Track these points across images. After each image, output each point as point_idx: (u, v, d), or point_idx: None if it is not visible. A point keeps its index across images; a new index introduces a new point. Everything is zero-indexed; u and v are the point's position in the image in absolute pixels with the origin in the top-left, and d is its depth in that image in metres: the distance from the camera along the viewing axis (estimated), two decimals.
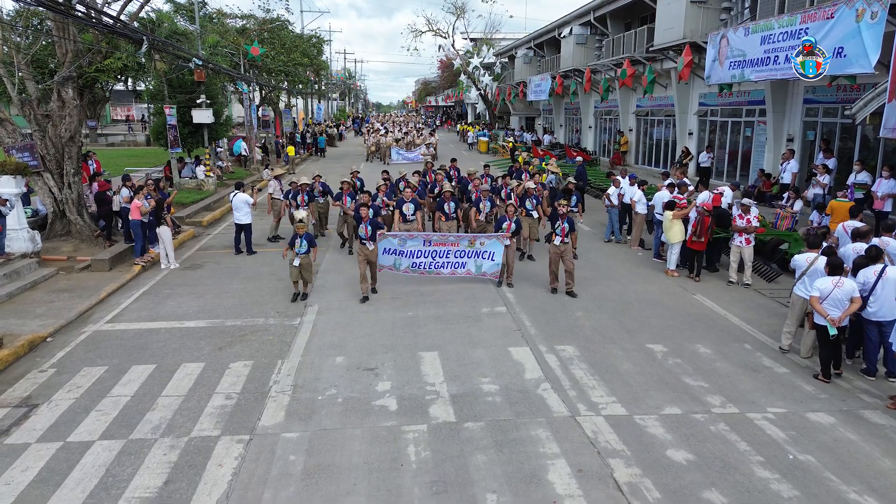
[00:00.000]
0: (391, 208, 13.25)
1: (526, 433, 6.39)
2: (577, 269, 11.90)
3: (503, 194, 13.71)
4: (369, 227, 10.20)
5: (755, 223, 11.03)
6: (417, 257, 10.88)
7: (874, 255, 7.58)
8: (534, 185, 13.01)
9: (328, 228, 15.70)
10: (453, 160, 17.98)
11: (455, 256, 11.00)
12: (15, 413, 6.85)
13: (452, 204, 12.62)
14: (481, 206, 12.65)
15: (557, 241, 10.49)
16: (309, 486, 5.56)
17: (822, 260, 7.81)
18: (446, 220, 12.55)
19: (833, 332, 7.26)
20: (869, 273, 7.39)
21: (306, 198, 14.13)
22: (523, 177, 15.35)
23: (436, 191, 14.97)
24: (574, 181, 14.34)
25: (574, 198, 13.38)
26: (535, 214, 12.71)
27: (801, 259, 8.23)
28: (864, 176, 12.80)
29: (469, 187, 14.16)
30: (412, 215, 12.37)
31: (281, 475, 5.73)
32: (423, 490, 5.50)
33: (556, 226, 10.50)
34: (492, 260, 10.99)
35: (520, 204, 12.46)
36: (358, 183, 14.37)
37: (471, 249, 10.97)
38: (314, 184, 14.76)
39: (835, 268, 7.41)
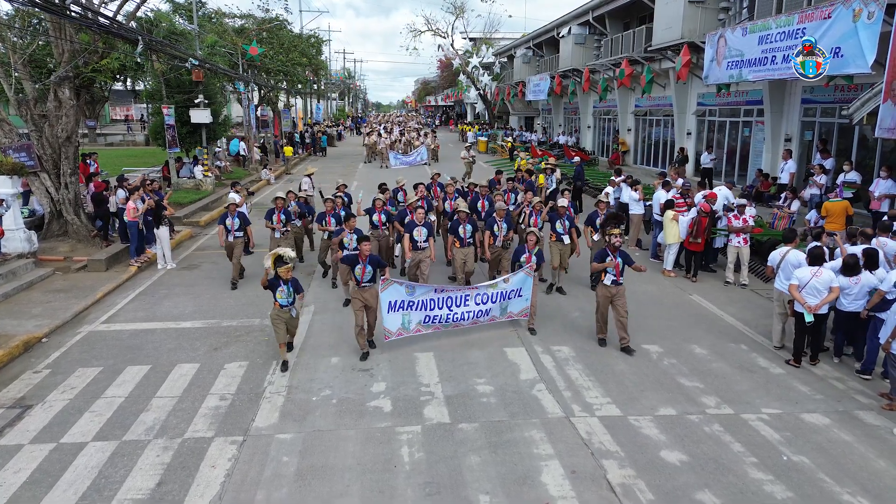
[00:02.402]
0: (385, 230, 11.22)
1: (520, 434, 6.38)
2: (572, 270, 11.92)
3: (527, 215, 11.33)
4: (368, 268, 8.16)
5: (751, 223, 11.03)
6: (430, 308, 8.58)
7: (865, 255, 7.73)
8: (566, 204, 10.84)
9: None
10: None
11: (476, 302, 8.76)
12: (8, 414, 6.84)
13: (469, 227, 10.49)
14: (496, 228, 10.49)
15: (609, 280, 8.29)
16: (302, 488, 5.55)
17: (793, 253, 8.30)
18: (461, 245, 10.48)
19: (809, 318, 7.58)
20: None
21: (283, 218, 11.46)
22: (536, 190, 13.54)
23: (437, 205, 12.98)
24: (605, 200, 11.76)
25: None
26: (566, 240, 10.68)
27: (776, 254, 8.63)
28: (854, 175, 12.79)
29: (476, 205, 12.03)
30: (424, 242, 10.13)
31: (274, 476, 5.72)
32: (416, 491, 5.49)
33: (608, 261, 8.36)
34: (519, 296, 8.96)
35: (551, 227, 10.80)
36: (345, 199, 11.88)
37: (494, 291, 8.80)
38: (288, 200, 11.80)
39: (815, 258, 7.69)
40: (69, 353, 8.53)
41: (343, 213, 10.98)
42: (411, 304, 8.40)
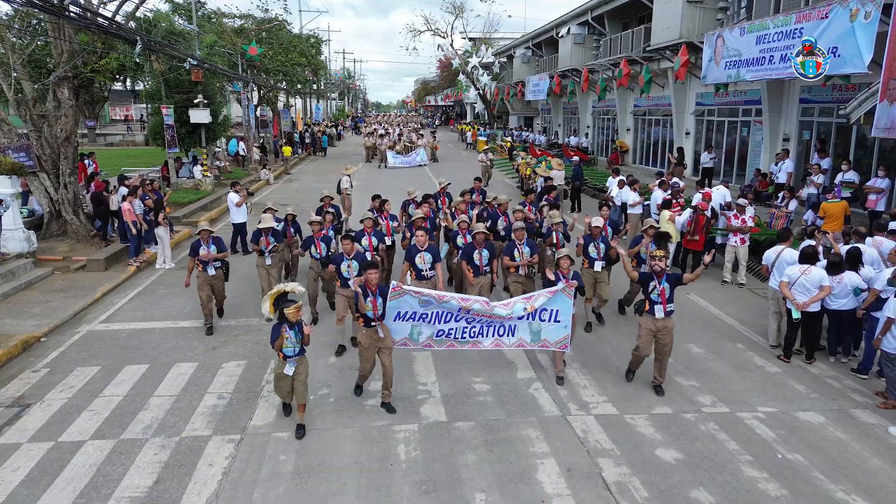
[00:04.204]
0: (378, 256, 9.43)
1: (516, 433, 6.41)
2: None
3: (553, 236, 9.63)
4: (379, 300, 6.67)
5: (750, 223, 11.05)
6: (446, 321, 7.20)
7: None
8: (600, 224, 9.04)
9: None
10: (477, 179, 13.61)
11: (500, 314, 7.22)
12: (7, 413, 6.87)
13: (486, 253, 8.71)
14: (517, 252, 8.81)
15: (659, 312, 6.98)
16: (298, 486, 5.58)
17: (788, 252, 8.41)
18: (475, 275, 8.70)
19: (796, 315, 7.71)
20: None
21: (272, 241, 9.58)
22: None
23: (444, 221, 10.94)
24: (650, 223, 9.56)
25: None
26: (598, 266, 8.95)
27: (770, 253, 8.75)
28: (852, 175, 12.81)
29: (500, 223, 10.40)
30: (430, 270, 8.52)
31: (271, 475, 5.75)
32: (412, 490, 5.52)
33: (651, 288, 7.02)
34: (555, 321, 7.33)
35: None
36: (333, 213, 10.31)
37: (524, 304, 7.30)
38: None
39: (805, 257, 7.83)
40: (68, 352, 8.56)
41: (332, 233, 9.64)
42: (424, 315, 7.11)
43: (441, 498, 5.41)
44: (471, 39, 48.84)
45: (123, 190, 13.37)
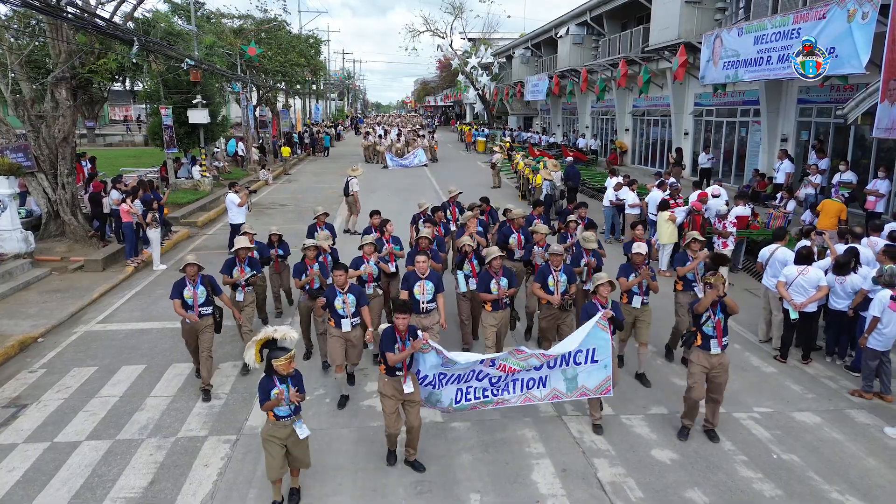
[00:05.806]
0: (378, 286, 8.07)
1: (512, 433, 6.42)
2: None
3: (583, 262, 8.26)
4: (407, 345, 5.57)
5: (731, 228, 11.00)
6: (467, 380, 6.11)
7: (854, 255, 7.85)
8: (643, 250, 7.45)
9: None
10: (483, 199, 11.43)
11: (527, 368, 6.21)
12: (3, 413, 6.87)
13: (504, 281, 7.34)
14: (551, 280, 7.38)
15: (715, 347, 6.05)
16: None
17: (781, 251, 8.41)
18: (494, 308, 7.37)
19: (794, 315, 7.70)
20: None
21: (247, 270, 7.98)
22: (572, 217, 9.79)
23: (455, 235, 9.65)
24: (701, 240, 8.05)
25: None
26: (638, 301, 7.50)
27: (765, 251, 8.77)
28: (850, 175, 12.82)
29: (512, 240, 9.03)
30: (430, 302, 7.24)
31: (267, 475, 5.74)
32: (407, 490, 5.53)
33: (705, 319, 6.08)
34: (592, 361, 6.23)
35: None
36: (327, 232, 9.12)
37: (552, 352, 6.28)
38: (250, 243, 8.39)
39: (801, 257, 7.84)
40: (64, 352, 8.56)
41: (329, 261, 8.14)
42: (442, 376, 6.03)
43: (436, 498, 5.42)
44: (470, 40, 48.85)
45: (115, 193, 13.36)
